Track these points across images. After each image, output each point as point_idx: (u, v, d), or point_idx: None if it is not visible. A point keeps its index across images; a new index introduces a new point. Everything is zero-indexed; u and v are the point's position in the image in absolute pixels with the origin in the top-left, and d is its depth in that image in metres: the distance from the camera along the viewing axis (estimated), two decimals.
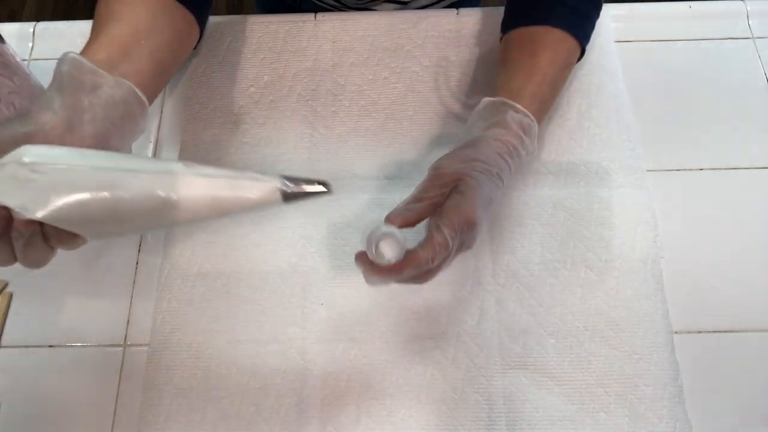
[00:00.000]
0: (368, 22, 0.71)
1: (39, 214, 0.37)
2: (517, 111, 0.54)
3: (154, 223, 0.40)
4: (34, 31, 0.72)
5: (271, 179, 0.40)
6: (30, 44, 0.71)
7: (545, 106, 0.58)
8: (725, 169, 0.64)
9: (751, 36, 0.71)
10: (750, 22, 0.71)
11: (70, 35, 0.72)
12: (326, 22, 0.71)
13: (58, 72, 0.47)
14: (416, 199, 0.49)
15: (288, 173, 0.40)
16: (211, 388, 0.55)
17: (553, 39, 0.58)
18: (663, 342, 0.56)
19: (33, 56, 0.71)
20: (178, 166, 0.39)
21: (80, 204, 0.37)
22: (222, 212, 0.40)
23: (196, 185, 0.39)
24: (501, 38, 0.63)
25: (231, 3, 1.66)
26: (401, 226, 0.48)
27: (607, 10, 0.71)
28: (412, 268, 0.46)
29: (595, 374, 0.55)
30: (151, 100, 0.51)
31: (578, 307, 0.57)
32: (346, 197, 0.62)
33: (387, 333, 0.56)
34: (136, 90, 0.49)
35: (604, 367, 0.55)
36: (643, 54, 0.70)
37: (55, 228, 0.39)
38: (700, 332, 0.57)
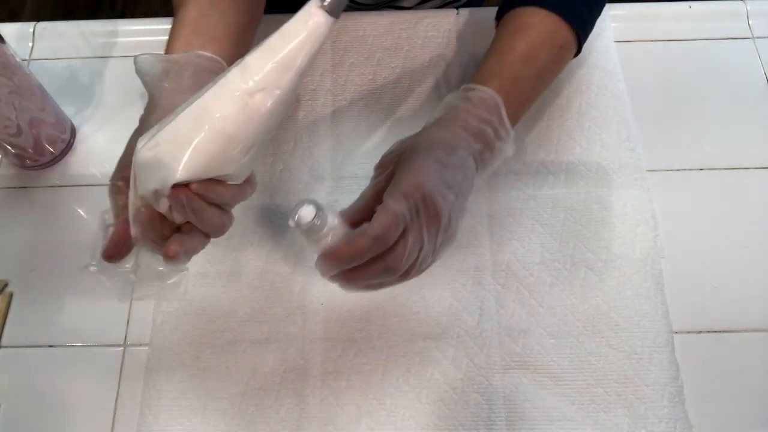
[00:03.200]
0: (368, 22, 0.71)
1: (177, 177, 0.38)
2: (475, 90, 0.50)
3: (262, 118, 0.39)
4: (34, 31, 0.72)
5: (304, 9, 0.39)
6: (30, 44, 0.71)
7: (521, 84, 0.53)
8: (725, 169, 0.64)
9: (751, 36, 0.71)
10: (750, 22, 0.71)
11: (70, 35, 0.72)
12: None
13: (143, 82, 0.49)
14: (363, 192, 0.47)
15: None
16: (211, 388, 0.55)
17: (537, 19, 0.54)
18: (663, 342, 0.55)
19: (33, 56, 0.71)
20: (238, 62, 0.40)
21: (195, 147, 0.38)
22: (295, 67, 0.39)
23: (258, 61, 0.39)
24: (496, 24, 0.60)
25: None
26: (352, 222, 0.45)
27: (607, 10, 0.71)
28: (360, 248, 0.41)
29: (595, 374, 0.55)
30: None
31: (578, 307, 0.57)
32: (346, 197, 0.62)
33: (387, 333, 0.56)
34: (224, 63, 0.49)
35: (604, 367, 0.55)
36: (643, 54, 0.70)
37: (203, 185, 0.40)
38: (700, 332, 0.57)
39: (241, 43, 0.54)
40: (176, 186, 0.39)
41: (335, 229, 0.43)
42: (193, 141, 0.38)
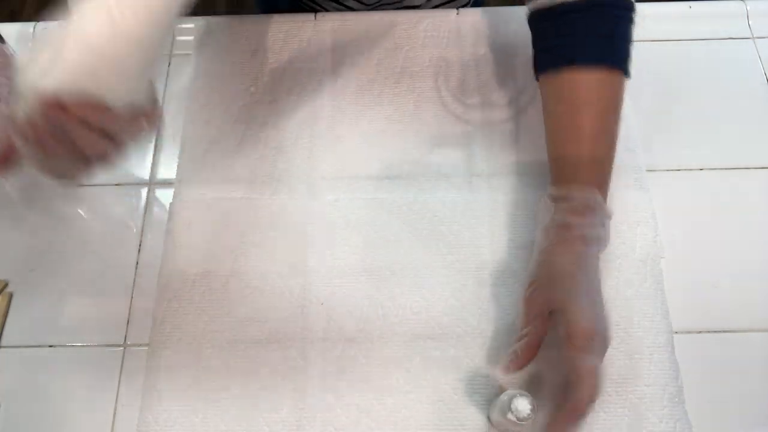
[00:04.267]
0: (368, 22, 0.71)
1: (42, 85, 0.37)
2: (574, 195, 0.51)
3: (130, 37, 0.39)
4: (34, 31, 0.72)
5: None
6: (30, 44, 0.71)
7: (606, 166, 0.53)
8: (725, 169, 0.64)
9: (751, 36, 0.71)
10: (750, 22, 0.71)
11: None
12: (326, 22, 0.71)
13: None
14: (520, 337, 0.50)
15: None
16: (211, 388, 0.55)
17: (593, 84, 0.53)
18: (663, 342, 0.55)
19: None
20: None
21: (62, 58, 0.38)
22: None
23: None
24: (536, 77, 0.57)
25: (231, 3, 1.66)
26: (517, 369, 0.50)
27: None
28: (582, 411, 0.46)
29: None
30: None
31: None
32: (346, 197, 0.62)
33: (387, 333, 0.56)
34: None
35: (604, 366, 0.55)
36: (643, 54, 0.70)
37: (76, 104, 0.39)
38: (700, 332, 0.57)
39: None
40: (50, 103, 0.38)
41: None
42: (60, 52, 0.38)
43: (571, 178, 0.52)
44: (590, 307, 0.48)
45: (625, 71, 0.55)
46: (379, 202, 0.62)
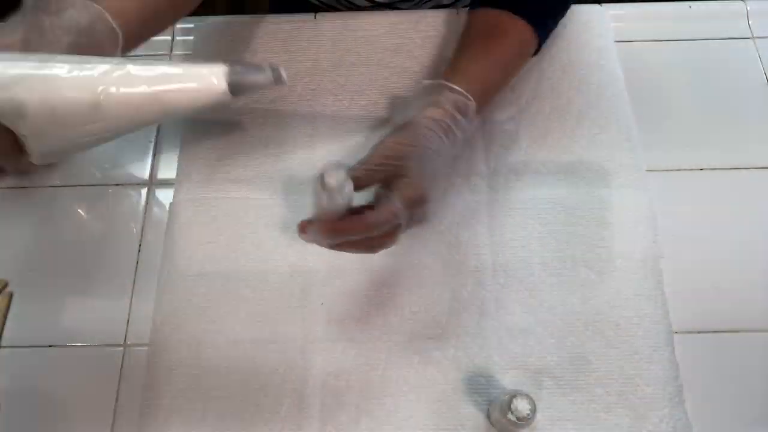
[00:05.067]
0: (368, 22, 0.71)
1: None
2: (452, 91, 0.55)
3: (96, 124, 0.38)
4: None
5: (214, 66, 0.38)
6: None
7: (491, 87, 0.59)
8: (725, 169, 0.64)
9: (751, 36, 0.71)
10: (750, 22, 0.71)
11: None
12: (326, 22, 0.71)
13: None
14: (362, 163, 0.50)
15: (236, 59, 0.38)
16: (211, 388, 0.55)
17: (513, 28, 0.60)
18: (663, 342, 0.55)
19: None
20: (116, 60, 0.38)
21: (9, 97, 0.36)
22: (164, 109, 0.38)
23: (130, 79, 0.37)
24: (469, 11, 0.63)
25: (231, 3, 1.66)
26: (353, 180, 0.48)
27: (607, 10, 0.71)
28: (362, 228, 0.46)
29: (596, 374, 0.55)
30: (132, 41, 0.47)
31: (578, 306, 0.57)
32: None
33: (387, 333, 0.56)
34: (108, 17, 0.44)
35: (604, 366, 0.55)
36: (643, 54, 0.70)
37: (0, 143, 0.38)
38: (700, 332, 0.57)
39: (147, 27, 0.50)
40: None
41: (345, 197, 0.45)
42: (21, 81, 0.36)
43: (458, 79, 0.55)
44: (430, 176, 0.50)
45: (539, 44, 0.62)
46: None
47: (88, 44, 0.43)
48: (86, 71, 0.38)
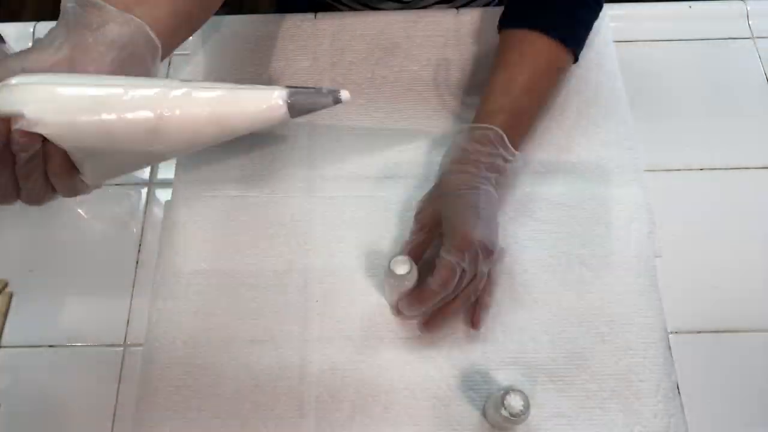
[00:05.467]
0: (367, 21, 0.71)
1: (25, 110, 0.35)
2: (476, 130, 0.57)
3: (153, 147, 0.38)
4: (34, 31, 0.72)
5: (275, 89, 0.38)
6: (30, 44, 0.71)
7: (527, 118, 0.60)
8: (725, 169, 0.64)
9: (751, 36, 0.71)
10: (750, 22, 0.71)
11: None
12: (325, 21, 0.71)
13: (63, 9, 0.43)
14: (406, 244, 0.56)
15: (295, 84, 0.39)
16: (206, 386, 0.55)
17: (539, 47, 0.59)
18: (657, 338, 0.56)
19: None
20: (173, 83, 0.38)
21: (69, 123, 0.36)
22: (223, 130, 0.38)
23: (190, 101, 0.37)
24: (499, 29, 0.63)
25: (231, 3, 1.66)
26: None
27: (606, 10, 0.71)
28: (429, 296, 0.51)
29: (590, 370, 0.55)
30: (168, 50, 0.47)
31: (573, 303, 0.57)
32: (343, 195, 0.62)
33: (382, 330, 0.56)
34: (148, 29, 0.44)
35: (598, 362, 0.55)
36: (643, 54, 0.70)
37: (56, 163, 0.38)
38: (699, 332, 0.57)
39: (181, 31, 0.50)
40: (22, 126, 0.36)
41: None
42: (69, 112, 0.36)
43: (484, 118, 0.57)
44: (473, 218, 0.52)
45: (575, 55, 0.61)
46: (377, 201, 0.62)
47: (131, 58, 0.43)
48: (144, 91, 0.37)
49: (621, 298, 0.57)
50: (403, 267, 0.51)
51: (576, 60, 0.62)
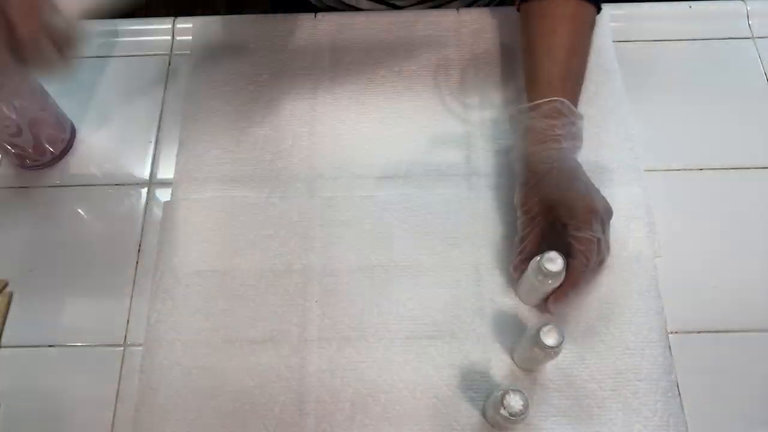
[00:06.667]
0: (367, 21, 0.71)
1: None
2: (537, 108, 0.56)
3: None
4: None
5: None
6: None
7: (578, 78, 0.59)
8: (725, 169, 0.64)
9: (751, 36, 0.71)
10: (750, 22, 0.71)
11: None
12: (325, 21, 0.71)
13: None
14: (521, 239, 0.55)
15: None
16: (206, 386, 0.55)
17: (570, 11, 0.59)
18: (656, 337, 0.56)
19: None
20: None
21: None
22: None
23: None
24: (517, 7, 0.63)
25: (231, 3, 1.65)
26: (521, 267, 0.54)
27: (606, 9, 0.71)
28: (580, 279, 0.52)
29: (589, 369, 0.55)
30: None
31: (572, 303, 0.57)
32: (343, 195, 0.62)
33: (381, 330, 0.56)
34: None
35: (597, 362, 0.55)
36: (643, 54, 0.70)
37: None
38: (699, 332, 0.57)
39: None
40: None
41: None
42: None
43: (543, 91, 0.57)
44: (585, 190, 0.53)
45: (597, 5, 0.61)
46: (376, 200, 0.62)
47: None
48: None
49: (619, 298, 0.57)
50: (558, 262, 0.50)
51: (599, 10, 0.62)
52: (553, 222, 0.54)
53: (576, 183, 0.54)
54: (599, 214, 0.52)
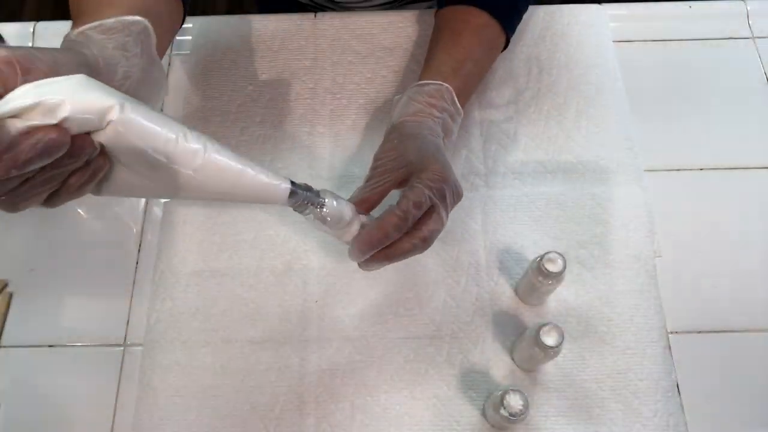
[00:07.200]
0: (367, 20, 0.71)
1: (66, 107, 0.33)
2: (425, 86, 0.56)
3: (172, 191, 0.40)
4: (34, 31, 0.72)
5: (282, 182, 0.43)
6: (30, 44, 0.71)
7: (468, 80, 0.59)
8: (725, 169, 0.64)
9: (751, 36, 0.71)
10: (750, 22, 0.71)
11: None
12: (325, 21, 0.71)
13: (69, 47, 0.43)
14: (363, 186, 0.51)
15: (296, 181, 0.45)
16: (206, 386, 0.55)
17: (480, 23, 0.60)
18: (656, 337, 0.56)
19: None
20: (212, 144, 0.40)
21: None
22: (230, 198, 0.41)
23: (220, 166, 0.40)
24: (435, 12, 0.63)
25: (231, 3, 1.66)
26: (366, 208, 0.50)
27: (606, 9, 0.71)
28: (389, 229, 0.46)
29: (589, 369, 0.55)
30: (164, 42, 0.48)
31: (571, 303, 0.57)
32: (344, 195, 0.62)
33: (381, 330, 0.57)
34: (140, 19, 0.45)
35: (597, 362, 0.55)
36: (643, 54, 0.70)
37: (94, 172, 0.39)
38: (699, 332, 0.57)
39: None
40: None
41: (355, 218, 0.47)
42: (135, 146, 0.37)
43: (432, 75, 0.56)
44: (444, 162, 0.50)
45: (507, 38, 0.62)
46: None
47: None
48: (191, 145, 0.39)
49: (621, 298, 0.57)
50: (558, 263, 0.50)
51: (506, 47, 0.63)
52: (402, 182, 0.50)
53: (438, 155, 0.51)
54: (449, 184, 0.49)
